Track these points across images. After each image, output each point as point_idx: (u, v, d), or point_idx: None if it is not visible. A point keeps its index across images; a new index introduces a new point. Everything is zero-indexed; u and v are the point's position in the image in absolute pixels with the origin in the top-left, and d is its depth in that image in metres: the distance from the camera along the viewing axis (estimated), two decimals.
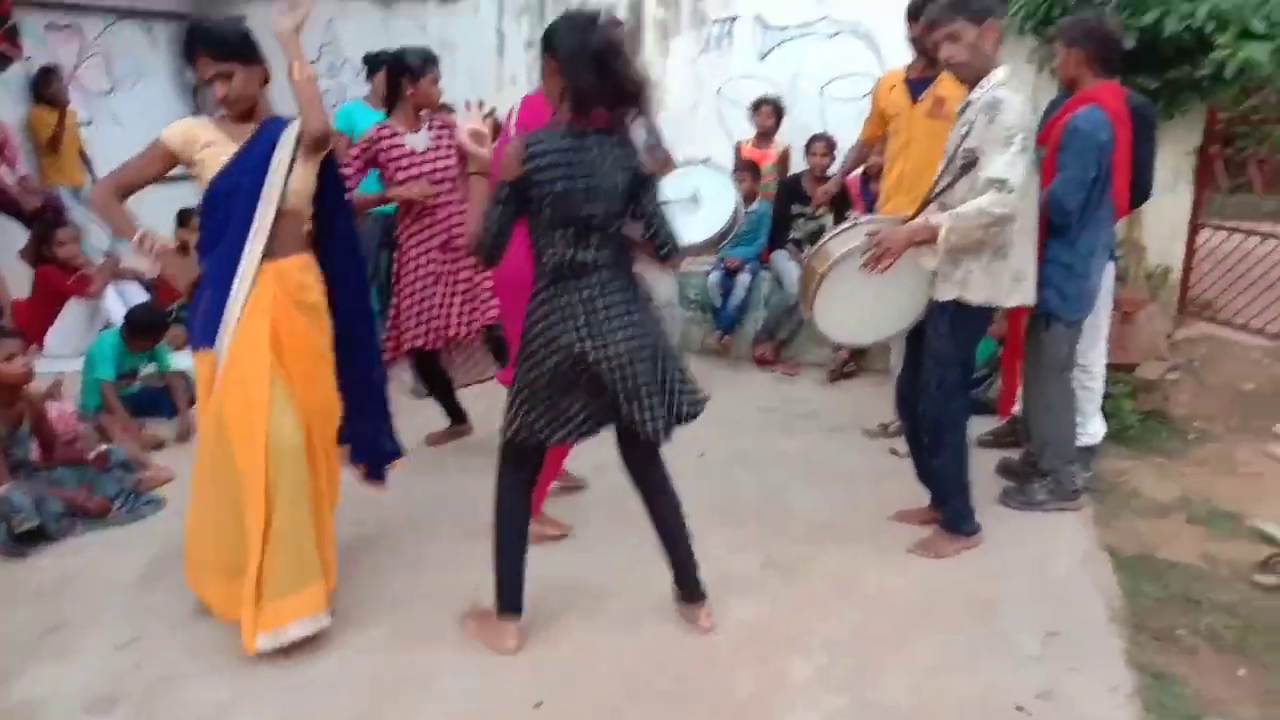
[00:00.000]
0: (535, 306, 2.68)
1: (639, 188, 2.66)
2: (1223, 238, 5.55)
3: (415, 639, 2.93)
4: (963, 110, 3.18)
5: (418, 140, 4.06)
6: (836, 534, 3.62)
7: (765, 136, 6.10)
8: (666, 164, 3.59)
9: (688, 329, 5.94)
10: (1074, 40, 3.52)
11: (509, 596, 2.86)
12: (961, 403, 3.40)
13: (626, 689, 2.69)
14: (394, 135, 4.02)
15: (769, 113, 6.04)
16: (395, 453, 3.37)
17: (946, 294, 3.22)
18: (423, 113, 4.11)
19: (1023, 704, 2.60)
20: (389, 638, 2.94)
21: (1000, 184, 2.95)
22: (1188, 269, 5.55)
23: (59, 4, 6.79)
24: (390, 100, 4.12)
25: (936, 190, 3.18)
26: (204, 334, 2.82)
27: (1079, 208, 3.36)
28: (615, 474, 3.02)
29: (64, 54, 6.86)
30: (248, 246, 2.79)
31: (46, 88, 6.34)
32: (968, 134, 3.07)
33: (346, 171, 3.75)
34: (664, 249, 2.73)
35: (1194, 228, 5.52)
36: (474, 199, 2.70)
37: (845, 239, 3.24)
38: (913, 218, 3.18)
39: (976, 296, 3.18)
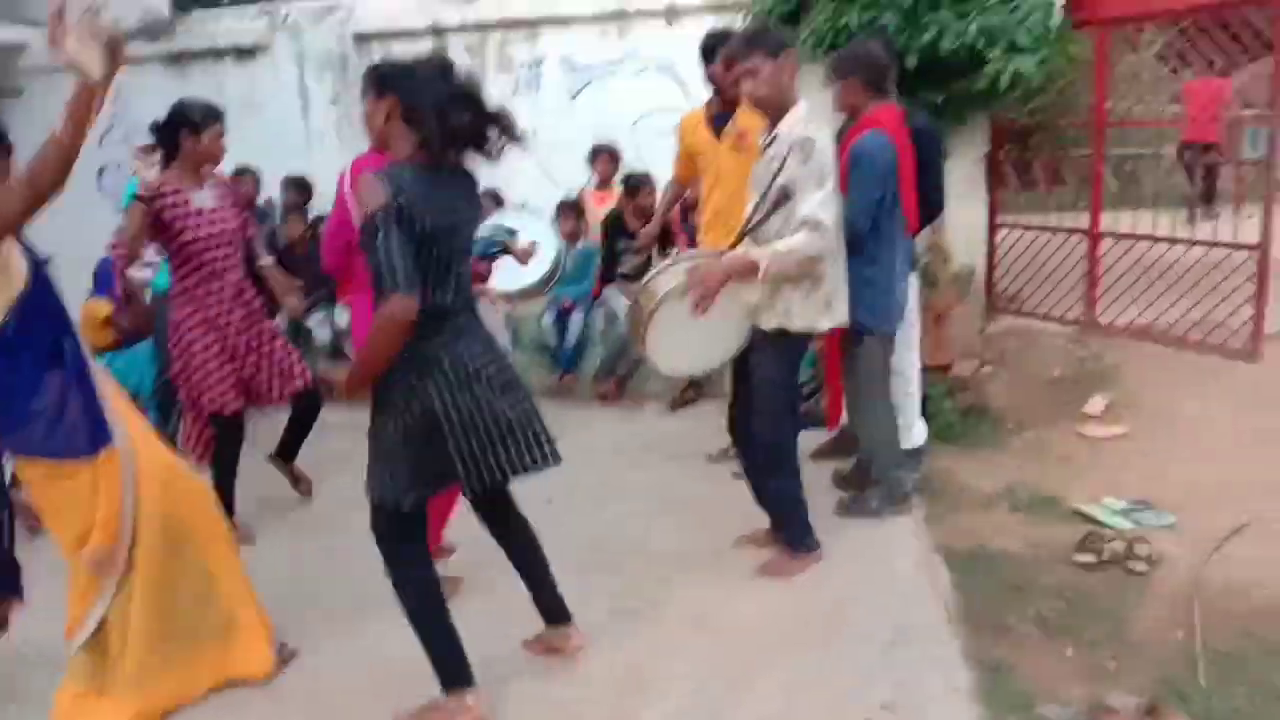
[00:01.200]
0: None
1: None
2: (1019, 234, 5.92)
3: None
4: (769, 144, 3.27)
5: (203, 198, 3.84)
6: (685, 566, 3.62)
7: (605, 182, 6.24)
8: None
9: (527, 372, 5.87)
10: (845, 71, 3.70)
11: (456, 671, 2.67)
12: (790, 423, 3.48)
13: None
14: (176, 191, 3.76)
15: (607, 159, 6.19)
16: None
17: (769, 323, 3.29)
18: (204, 168, 3.89)
19: (870, 717, 2.65)
20: None
21: (815, 224, 3.08)
22: (991, 267, 5.90)
23: None
24: (169, 155, 3.82)
25: (750, 224, 3.25)
26: (95, 435, 2.66)
27: (869, 228, 3.50)
28: None
29: None
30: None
31: None
32: (780, 170, 3.16)
33: (121, 251, 3.55)
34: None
35: (993, 228, 5.88)
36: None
37: (668, 276, 3.26)
38: (729, 250, 3.24)
39: (797, 324, 3.28)
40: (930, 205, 3.95)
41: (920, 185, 3.76)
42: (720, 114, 4.04)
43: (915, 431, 4.09)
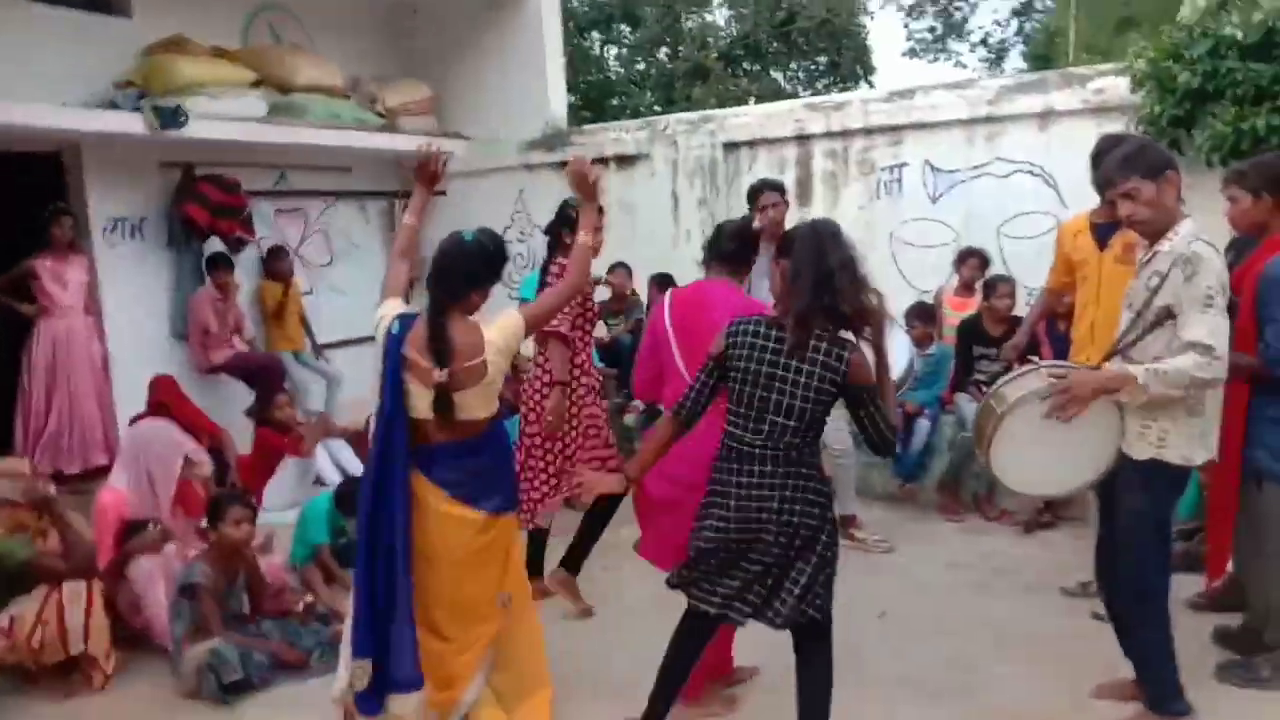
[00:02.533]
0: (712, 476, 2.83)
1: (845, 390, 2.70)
2: None
3: None
4: (1148, 259, 3.04)
5: (598, 291, 4.26)
6: (1028, 713, 3.34)
7: (968, 287, 6.07)
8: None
9: (866, 474, 5.79)
10: (1261, 187, 3.34)
11: None
12: (1162, 565, 3.12)
13: None
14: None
15: (975, 264, 6.02)
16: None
17: (1142, 453, 3.00)
18: None
19: None
20: None
21: (1206, 349, 2.80)
22: None
23: (288, 192, 7.68)
24: (552, 251, 4.30)
25: (1124, 343, 3.02)
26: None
27: None
28: None
29: (290, 233, 7.71)
30: None
31: (274, 263, 7.12)
32: (1159, 287, 2.92)
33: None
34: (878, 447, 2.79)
35: None
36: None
37: (1024, 382, 3.08)
38: (1098, 367, 3.03)
39: (1174, 456, 2.97)
40: None
41: None
42: (1106, 223, 3.80)
43: None
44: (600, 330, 6.27)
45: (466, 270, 3.03)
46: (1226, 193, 3.39)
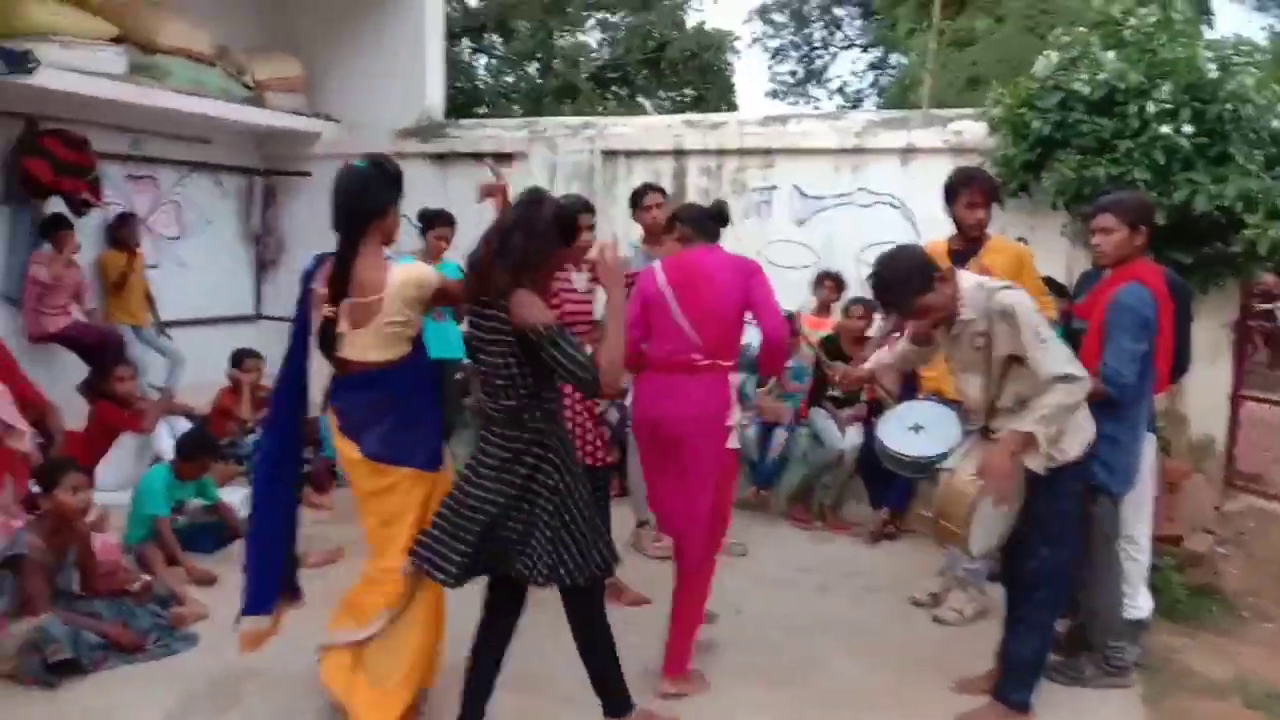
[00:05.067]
0: None
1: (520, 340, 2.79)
2: (1266, 410, 5.53)
3: None
4: (956, 334, 3.25)
5: (579, 280, 4.17)
6: (875, 702, 3.52)
7: (825, 308, 6.33)
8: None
9: None
10: (1139, 221, 3.53)
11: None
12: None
13: None
14: (565, 269, 4.06)
15: (831, 286, 6.29)
16: None
17: (1038, 464, 3.18)
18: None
19: None
20: None
21: (1068, 377, 3.05)
22: (1233, 441, 5.51)
23: (141, 157, 7.25)
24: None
25: (999, 404, 3.25)
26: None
27: (1136, 381, 3.39)
28: None
29: (140, 202, 7.27)
30: None
31: (122, 230, 6.69)
32: (987, 346, 3.16)
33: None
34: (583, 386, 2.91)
35: (1236, 400, 5.52)
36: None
37: (960, 475, 3.21)
38: (986, 431, 3.26)
39: (1071, 452, 3.21)
40: (1179, 365, 3.79)
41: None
42: (960, 250, 4.07)
43: (1141, 601, 3.82)
44: (467, 325, 6.19)
45: (362, 195, 3.01)
46: (1099, 224, 3.56)
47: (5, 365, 5.31)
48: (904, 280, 3.20)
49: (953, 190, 4.08)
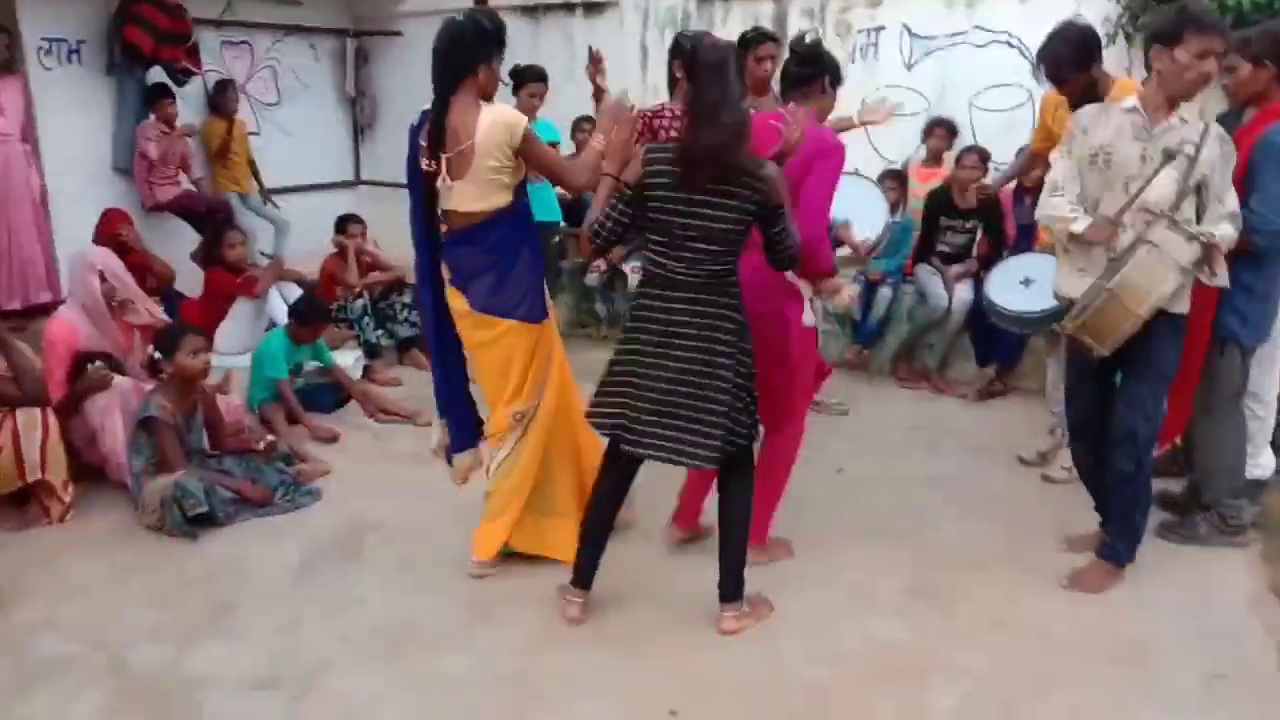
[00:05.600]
0: (630, 306, 2.92)
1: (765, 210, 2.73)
2: None
3: (555, 639, 2.99)
4: (1164, 130, 3.01)
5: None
6: (984, 561, 3.50)
7: (936, 158, 6.01)
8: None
9: (825, 341, 5.84)
10: (1263, 54, 3.29)
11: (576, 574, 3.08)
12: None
13: (761, 707, 2.68)
14: None
15: (942, 135, 5.95)
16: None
17: (1181, 307, 3.05)
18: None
19: None
20: (530, 638, 3.01)
21: (1235, 217, 3.02)
22: None
23: (234, 22, 7.23)
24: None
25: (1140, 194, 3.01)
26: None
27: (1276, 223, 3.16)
28: None
29: (237, 68, 7.30)
30: None
31: (221, 99, 6.76)
32: (1196, 156, 2.93)
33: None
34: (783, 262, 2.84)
35: None
36: (600, 196, 2.90)
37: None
38: (1117, 217, 3.03)
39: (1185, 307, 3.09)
40: None
41: None
42: (1082, 98, 3.78)
43: (1264, 459, 3.67)
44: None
45: (464, 47, 3.03)
46: (1225, 62, 3.30)
47: (128, 230, 5.55)
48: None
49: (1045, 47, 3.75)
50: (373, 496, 3.96)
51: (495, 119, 3.00)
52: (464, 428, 3.49)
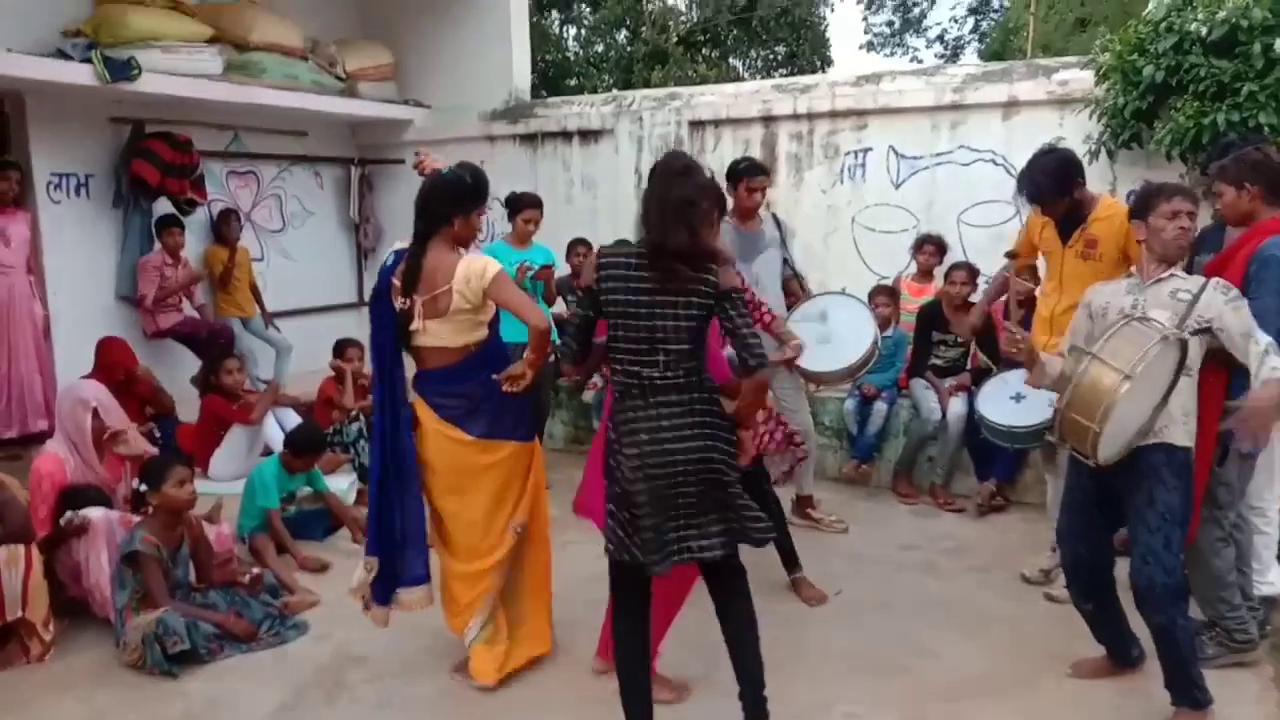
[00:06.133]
0: (612, 424, 2.81)
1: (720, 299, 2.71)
2: None
3: None
4: (1163, 278, 3.11)
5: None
6: (991, 690, 3.38)
7: (926, 274, 6.11)
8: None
9: (822, 455, 5.81)
10: (1243, 178, 3.37)
11: None
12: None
13: None
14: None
15: (932, 250, 6.05)
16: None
17: (1182, 439, 3.00)
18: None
19: None
20: None
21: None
22: None
23: (241, 153, 7.47)
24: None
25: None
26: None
27: (1277, 337, 3.16)
28: None
29: (243, 197, 7.50)
30: None
31: (224, 227, 6.91)
32: (1194, 300, 3.01)
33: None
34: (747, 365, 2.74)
35: None
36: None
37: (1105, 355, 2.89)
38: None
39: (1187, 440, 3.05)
40: None
41: None
42: (1066, 217, 3.86)
43: (1271, 576, 3.59)
44: (559, 307, 6.21)
45: (443, 199, 3.21)
46: (1214, 189, 3.48)
47: (126, 360, 5.59)
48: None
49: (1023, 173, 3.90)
50: (359, 627, 3.83)
51: (468, 270, 3.16)
52: (423, 560, 3.41)
